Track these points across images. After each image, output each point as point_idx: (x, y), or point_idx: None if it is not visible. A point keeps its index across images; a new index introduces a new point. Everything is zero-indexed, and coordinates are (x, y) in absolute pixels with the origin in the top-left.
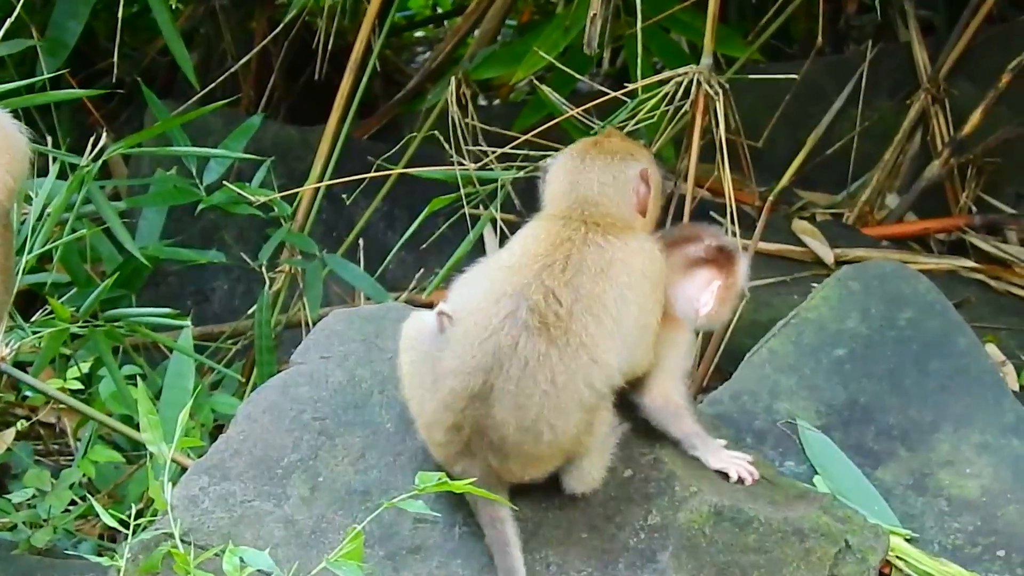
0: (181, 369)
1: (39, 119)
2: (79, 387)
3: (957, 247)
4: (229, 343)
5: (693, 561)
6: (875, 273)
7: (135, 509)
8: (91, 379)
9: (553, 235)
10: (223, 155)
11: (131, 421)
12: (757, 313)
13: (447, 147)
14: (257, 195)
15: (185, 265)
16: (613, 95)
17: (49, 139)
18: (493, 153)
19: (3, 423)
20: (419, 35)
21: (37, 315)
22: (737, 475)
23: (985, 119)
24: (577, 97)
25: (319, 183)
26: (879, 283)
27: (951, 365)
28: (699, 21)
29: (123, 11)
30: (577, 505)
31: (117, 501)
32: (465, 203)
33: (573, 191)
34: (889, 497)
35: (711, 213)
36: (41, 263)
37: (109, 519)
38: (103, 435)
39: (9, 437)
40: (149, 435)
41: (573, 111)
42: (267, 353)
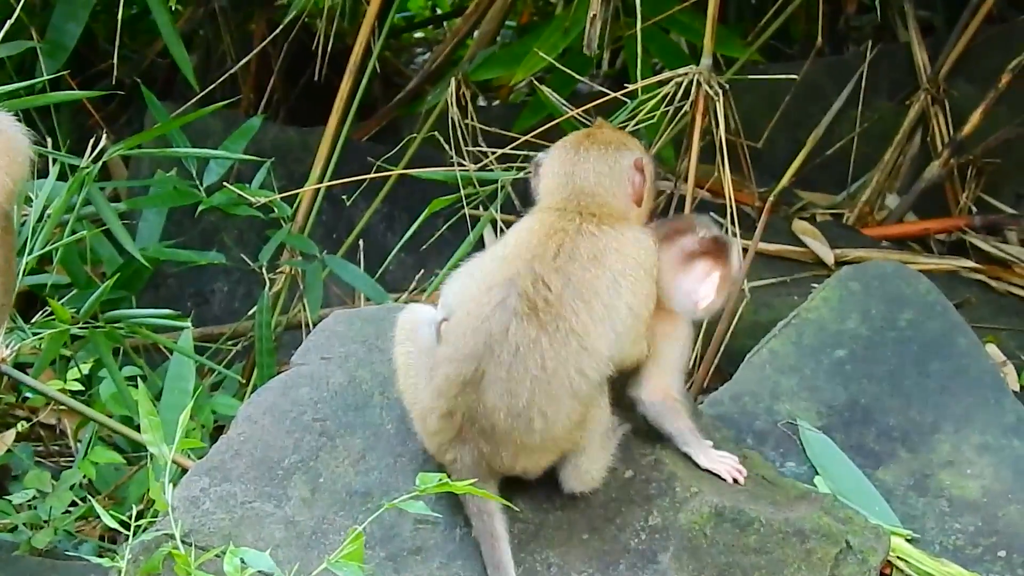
0: (181, 370)
1: (39, 121)
2: (79, 388)
3: (957, 248)
4: (229, 344)
5: (694, 562)
6: (875, 274)
7: (136, 510)
8: (91, 380)
9: (547, 226)
10: (223, 156)
11: (131, 422)
12: (757, 314)
13: (447, 148)
14: (257, 196)
15: (185, 266)
16: (613, 96)
17: (49, 141)
18: (493, 154)
19: (3, 424)
20: (418, 36)
21: (37, 316)
22: (728, 476)
23: (985, 119)
24: (577, 98)
25: (319, 184)
26: (879, 284)
27: (952, 366)
28: (699, 22)
29: (123, 13)
30: (578, 506)
31: (118, 502)
32: (465, 204)
33: (569, 182)
34: (890, 498)
35: (711, 214)
36: (41, 264)
37: (110, 520)
38: (103, 436)
39: (9, 438)
40: (150, 436)
41: (573, 112)
42: (267, 354)
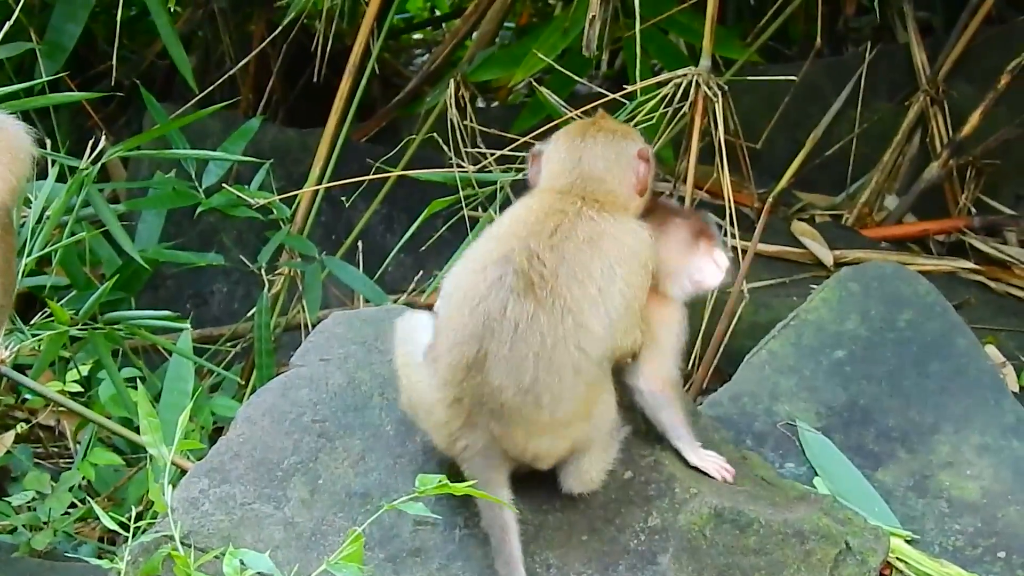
0: (180, 372)
1: (38, 122)
2: (79, 390)
3: (956, 248)
4: (228, 346)
5: (693, 563)
6: (874, 275)
7: (135, 512)
8: (90, 382)
9: (547, 205)
10: (222, 158)
11: (131, 424)
12: (756, 315)
13: (446, 149)
14: (256, 198)
15: (184, 268)
16: (612, 97)
17: (48, 142)
18: (492, 155)
19: (3, 426)
20: (417, 37)
21: (37, 318)
22: (717, 474)
23: (984, 120)
24: (576, 99)
25: (318, 185)
26: (879, 284)
27: (951, 366)
28: (698, 23)
29: (122, 14)
30: (577, 507)
31: (117, 504)
32: (464, 205)
33: (576, 168)
34: (889, 499)
35: (710, 215)
36: (40, 266)
37: (109, 522)
38: (103, 438)
39: (9, 440)
40: (149, 438)
41: (572, 113)
42: (266, 356)
